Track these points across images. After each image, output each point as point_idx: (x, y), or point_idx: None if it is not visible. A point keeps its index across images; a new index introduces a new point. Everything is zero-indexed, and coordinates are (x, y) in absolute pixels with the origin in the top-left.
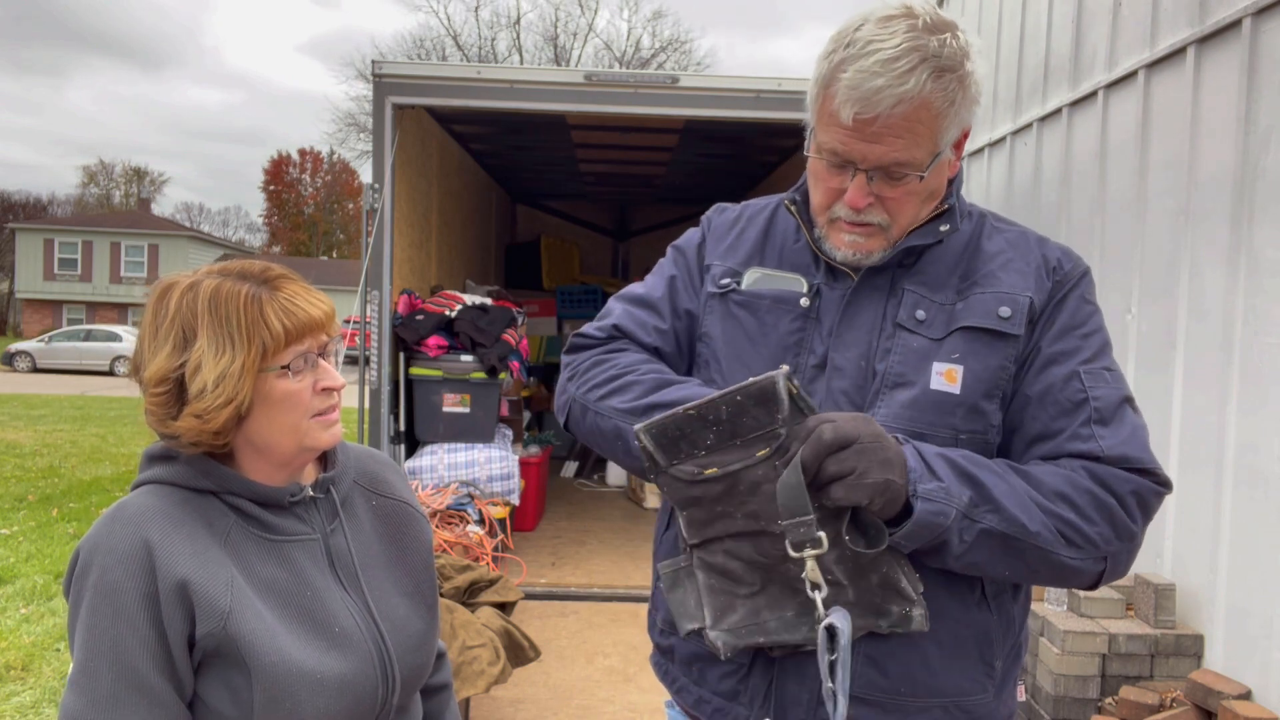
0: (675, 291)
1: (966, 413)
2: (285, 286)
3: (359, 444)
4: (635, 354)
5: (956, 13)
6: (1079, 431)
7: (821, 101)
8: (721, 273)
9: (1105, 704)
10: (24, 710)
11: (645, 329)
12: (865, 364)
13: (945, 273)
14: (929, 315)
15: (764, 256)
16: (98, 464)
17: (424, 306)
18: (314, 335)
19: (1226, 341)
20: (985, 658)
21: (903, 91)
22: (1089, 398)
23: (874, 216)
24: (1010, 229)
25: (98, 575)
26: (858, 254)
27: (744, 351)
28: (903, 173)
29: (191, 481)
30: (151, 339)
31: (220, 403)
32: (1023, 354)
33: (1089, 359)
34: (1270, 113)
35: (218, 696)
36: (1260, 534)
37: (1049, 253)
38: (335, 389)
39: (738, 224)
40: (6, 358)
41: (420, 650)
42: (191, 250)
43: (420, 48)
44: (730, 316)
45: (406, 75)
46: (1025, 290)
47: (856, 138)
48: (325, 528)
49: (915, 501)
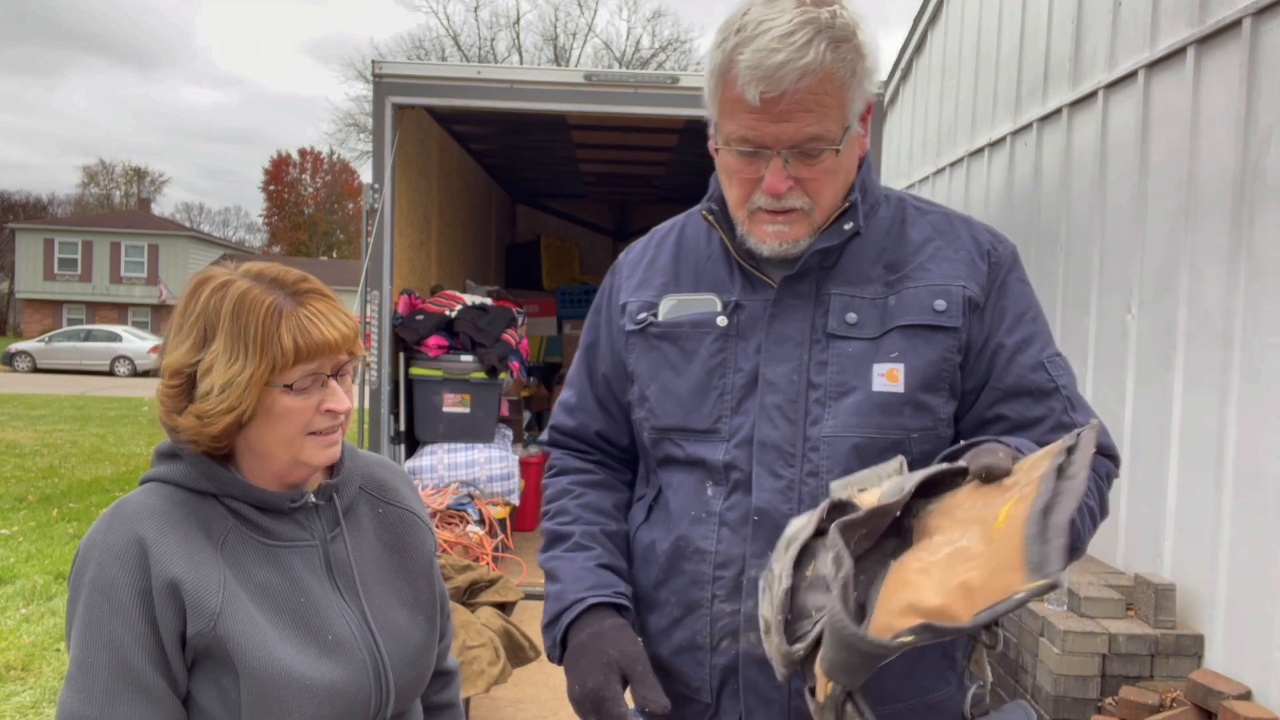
0: (588, 358)
1: (913, 410)
2: (311, 303)
3: (369, 450)
4: (558, 480)
5: (957, 13)
6: (1061, 419)
7: (722, 90)
8: (637, 308)
9: (1105, 704)
10: (24, 710)
11: (570, 414)
12: (798, 377)
13: (869, 264)
14: (860, 315)
15: (679, 280)
16: (98, 464)
17: (424, 306)
18: (328, 356)
19: (1226, 341)
20: (948, 652)
21: (805, 64)
22: (1058, 386)
23: (795, 200)
24: (932, 210)
25: (94, 571)
26: (784, 243)
27: (670, 382)
28: (818, 149)
29: (193, 483)
30: (177, 330)
31: (223, 409)
32: (973, 344)
33: (1045, 347)
34: (1270, 113)
35: (208, 697)
36: (1260, 534)
37: (978, 236)
38: (339, 411)
39: (646, 254)
40: (6, 358)
41: (418, 662)
42: (191, 250)
43: (420, 48)
44: (652, 349)
45: (406, 75)
46: (958, 279)
47: (765, 119)
48: (325, 535)
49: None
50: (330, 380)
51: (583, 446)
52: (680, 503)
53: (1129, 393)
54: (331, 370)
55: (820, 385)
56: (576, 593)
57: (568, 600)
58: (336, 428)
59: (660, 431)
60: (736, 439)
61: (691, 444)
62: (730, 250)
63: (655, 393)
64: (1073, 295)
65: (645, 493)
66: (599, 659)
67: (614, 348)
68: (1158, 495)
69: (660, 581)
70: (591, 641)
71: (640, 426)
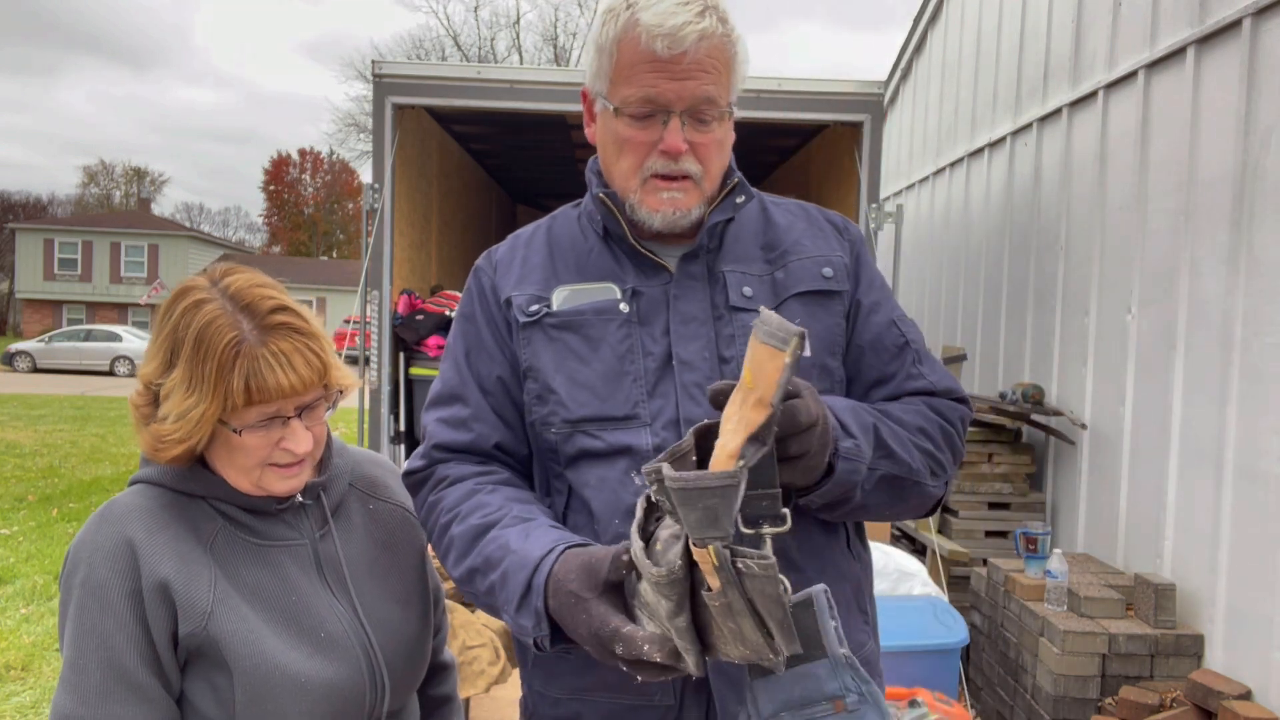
0: (471, 366)
1: (820, 374)
2: (276, 341)
3: (360, 447)
4: (457, 487)
5: (957, 13)
6: (910, 371)
7: (619, 54)
8: (526, 301)
9: (1105, 704)
10: (24, 710)
11: (461, 426)
12: (709, 354)
13: (749, 246)
14: (755, 290)
15: (558, 275)
16: (98, 464)
17: (424, 306)
18: (288, 399)
19: (1226, 341)
20: (861, 605)
21: (704, 28)
22: (908, 341)
23: (689, 165)
24: (783, 201)
25: (85, 573)
26: (677, 211)
27: (577, 372)
28: (711, 115)
29: (180, 484)
30: (154, 340)
31: (175, 438)
32: (846, 308)
33: (894, 309)
34: (1270, 113)
35: (202, 697)
36: (1260, 534)
37: (831, 218)
38: (297, 453)
39: (515, 253)
40: (6, 358)
41: (412, 656)
42: (191, 250)
43: (420, 48)
44: (553, 341)
45: (406, 75)
46: (835, 251)
47: (668, 77)
48: (315, 533)
49: (837, 461)
50: (293, 420)
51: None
52: (605, 500)
53: (1129, 393)
54: (295, 411)
55: (731, 358)
56: (540, 550)
57: (533, 559)
58: (297, 463)
59: (573, 424)
60: (660, 421)
61: (610, 432)
62: (626, 235)
63: (563, 384)
64: (1073, 295)
65: (550, 501)
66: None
67: (503, 346)
68: (1158, 495)
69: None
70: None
71: (544, 424)
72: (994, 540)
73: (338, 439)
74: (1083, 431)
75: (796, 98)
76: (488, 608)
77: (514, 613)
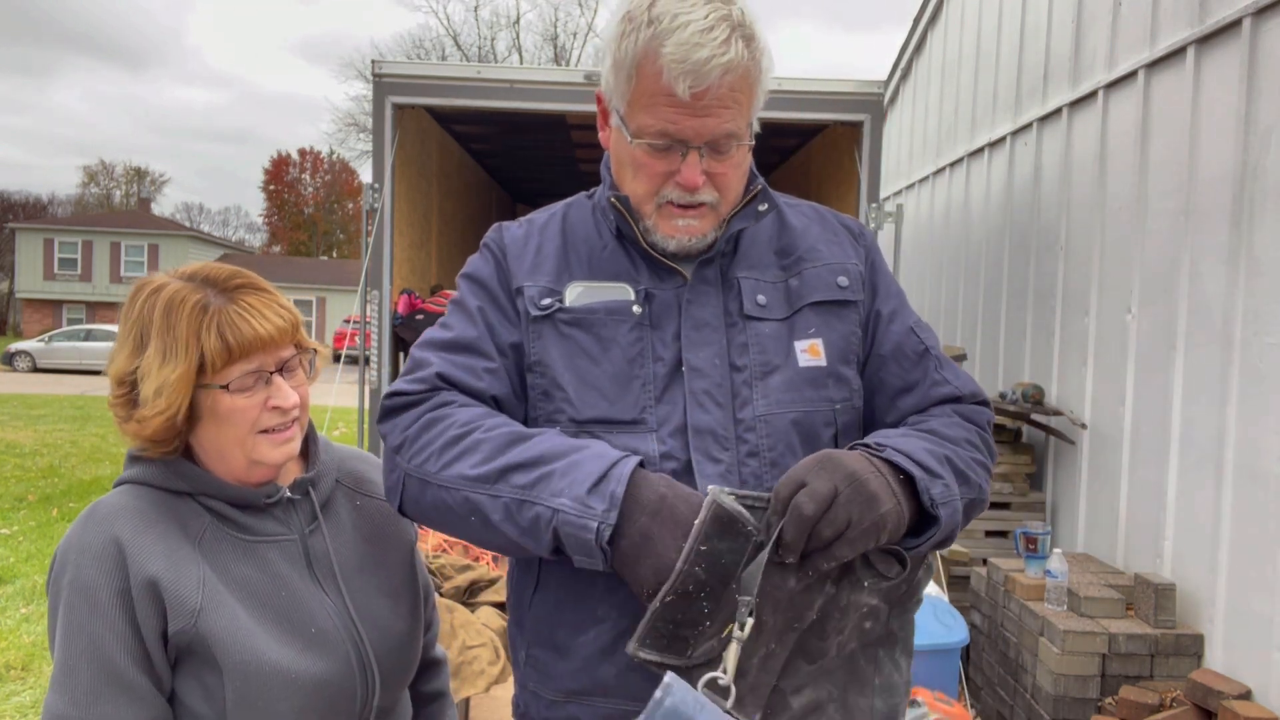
0: (491, 326)
1: (835, 382)
2: (243, 298)
3: (345, 445)
4: (472, 407)
5: (957, 13)
6: (934, 378)
7: (637, 83)
8: (539, 293)
9: (1105, 704)
10: (24, 710)
11: (474, 373)
12: (720, 361)
13: (765, 252)
14: (769, 298)
15: (571, 269)
16: (98, 464)
17: (424, 306)
18: (268, 352)
19: (1226, 341)
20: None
21: (728, 61)
22: (927, 348)
23: (706, 195)
24: (798, 203)
25: (73, 574)
26: (692, 238)
27: (588, 372)
28: (730, 145)
29: (166, 483)
30: (121, 338)
31: (156, 412)
32: (864, 317)
33: (910, 314)
34: (1270, 113)
35: (192, 694)
36: (1260, 534)
37: (846, 222)
38: (286, 408)
39: (530, 240)
40: (6, 358)
41: (403, 652)
42: (192, 250)
43: (420, 48)
44: (564, 338)
45: (406, 75)
46: (850, 259)
47: (688, 114)
48: (304, 529)
49: (938, 510)
50: (275, 377)
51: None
52: None
53: (1129, 393)
54: (276, 366)
55: (744, 367)
56: (616, 453)
57: (615, 453)
58: (289, 424)
59: (579, 425)
60: (668, 428)
61: (616, 436)
62: (639, 239)
63: (572, 382)
64: (1073, 295)
65: None
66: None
67: (514, 323)
68: (1158, 495)
69: (599, 598)
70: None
71: (548, 421)
72: (994, 540)
73: (322, 436)
74: (1083, 431)
75: (796, 97)
76: (514, 506)
77: (583, 493)
